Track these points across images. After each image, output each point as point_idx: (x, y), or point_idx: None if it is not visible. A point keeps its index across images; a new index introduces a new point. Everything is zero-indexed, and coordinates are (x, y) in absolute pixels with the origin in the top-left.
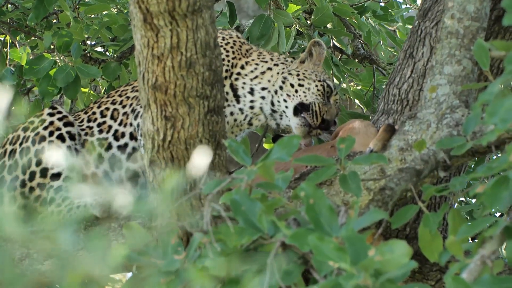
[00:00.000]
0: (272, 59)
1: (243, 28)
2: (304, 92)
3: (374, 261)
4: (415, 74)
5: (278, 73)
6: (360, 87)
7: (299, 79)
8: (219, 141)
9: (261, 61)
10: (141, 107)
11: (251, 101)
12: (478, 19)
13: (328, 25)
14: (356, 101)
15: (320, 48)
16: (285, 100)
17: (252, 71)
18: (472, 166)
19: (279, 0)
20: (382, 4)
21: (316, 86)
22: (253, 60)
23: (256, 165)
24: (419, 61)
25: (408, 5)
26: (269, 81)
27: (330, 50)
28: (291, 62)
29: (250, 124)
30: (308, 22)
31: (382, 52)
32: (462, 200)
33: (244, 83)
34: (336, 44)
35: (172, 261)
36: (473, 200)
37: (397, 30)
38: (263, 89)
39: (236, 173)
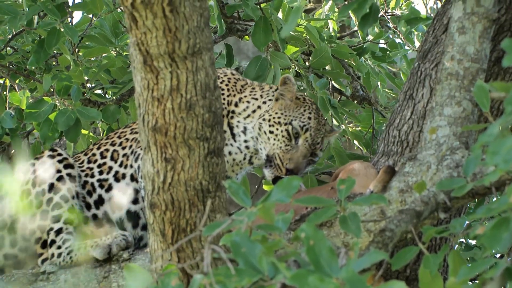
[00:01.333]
0: (262, 96)
1: (242, 70)
2: (273, 140)
3: None
4: (415, 116)
5: (260, 116)
6: (359, 128)
7: (269, 125)
8: (219, 183)
9: (252, 98)
10: (141, 149)
11: (245, 141)
12: (478, 60)
13: (327, 67)
14: (355, 142)
15: (289, 85)
16: (261, 149)
17: (244, 110)
18: (473, 207)
19: (277, 42)
20: (382, 45)
21: (282, 132)
22: (245, 96)
23: (256, 207)
24: (419, 102)
25: (406, 47)
26: (266, 110)
27: (328, 92)
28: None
29: (251, 162)
30: (307, 63)
31: (379, 96)
32: (463, 241)
33: (238, 121)
34: (335, 85)
35: None
36: (473, 242)
37: (401, 72)
38: (250, 127)
39: (236, 214)
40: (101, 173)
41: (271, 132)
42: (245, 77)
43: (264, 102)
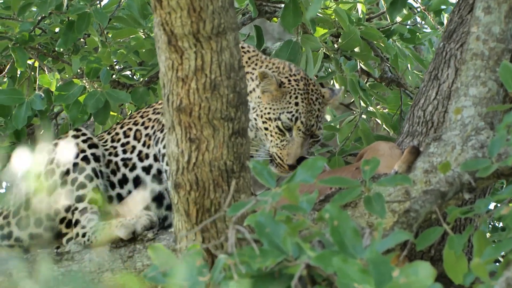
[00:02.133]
0: (253, 79)
1: (269, 51)
2: (269, 137)
3: (399, 283)
4: (440, 96)
5: (253, 107)
6: (387, 110)
7: (263, 122)
8: (243, 163)
9: (250, 78)
10: (160, 132)
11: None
12: (504, 40)
13: (356, 49)
14: (379, 122)
15: (268, 78)
16: (264, 145)
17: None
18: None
19: (306, 24)
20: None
21: (274, 128)
22: (247, 73)
23: (281, 187)
24: (444, 83)
25: (436, 28)
26: (255, 103)
27: (357, 74)
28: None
29: (261, 140)
30: (335, 46)
31: (409, 76)
32: (490, 223)
33: None
34: (364, 67)
35: (197, 283)
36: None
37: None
38: (253, 108)
39: (261, 195)
40: (124, 152)
41: (266, 128)
42: None
43: (254, 90)
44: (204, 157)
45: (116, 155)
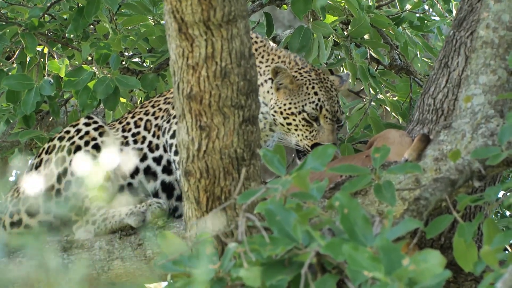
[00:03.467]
0: (262, 74)
1: (279, 39)
2: (295, 131)
3: (409, 271)
4: (450, 84)
5: (263, 102)
6: (396, 98)
7: (284, 118)
8: (253, 151)
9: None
10: (167, 122)
11: (261, 112)
12: None
13: (365, 36)
14: (389, 110)
15: (282, 72)
16: (285, 139)
17: None
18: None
19: (316, 11)
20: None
21: (300, 121)
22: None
23: (291, 175)
24: (454, 70)
25: (446, 16)
26: (264, 97)
27: (367, 61)
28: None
29: (272, 130)
30: (345, 33)
31: (419, 64)
32: (498, 212)
33: None
34: (373, 55)
35: (207, 271)
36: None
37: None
38: (262, 103)
39: (271, 183)
40: (135, 142)
41: (289, 124)
42: (289, 47)
43: (262, 84)
44: (215, 144)
45: (127, 145)
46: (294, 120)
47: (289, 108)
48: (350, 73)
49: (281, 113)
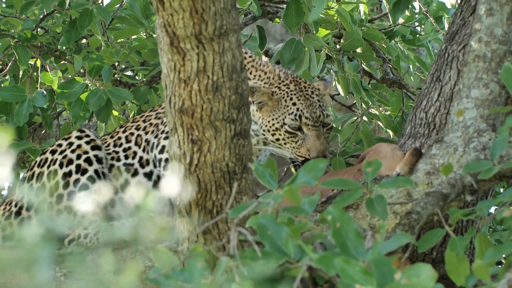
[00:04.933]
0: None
1: (271, 52)
2: (284, 145)
3: (401, 285)
4: (442, 98)
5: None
6: (388, 112)
7: (272, 135)
8: (245, 165)
9: None
10: (155, 137)
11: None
12: (506, 42)
13: (358, 50)
14: (380, 124)
15: (257, 91)
16: (282, 154)
17: None
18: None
19: (308, 24)
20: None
21: (284, 134)
22: None
23: (283, 189)
24: (446, 84)
25: (437, 30)
26: (253, 115)
27: (359, 75)
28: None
29: (265, 143)
30: (338, 46)
31: (412, 78)
32: (490, 227)
33: None
34: (366, 68)
35: (199, 285)
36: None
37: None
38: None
39: (263, 197)
40: (126, 157)
41: (277, 139)
42: (280, 59)
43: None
44: (206, 158)
45: (118, 160)
46: (280, 135)
47: (273, 125)
48: (333, 74)
49: (268, 130)
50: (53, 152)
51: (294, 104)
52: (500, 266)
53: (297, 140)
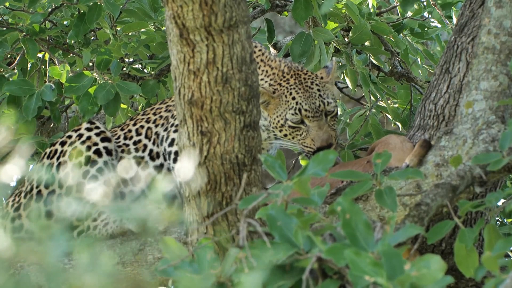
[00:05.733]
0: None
1: (280, 45)
2: (292, 139)
3: (410, 276)
4: (451, 90)
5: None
6: (397, 105)
7: (279, 131)
8: (255, 156)
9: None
10: (164, 130)
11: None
12: None
13: (366, 43)
14: (389, 117)
15: (262, 94)
16: (297, 147)
17: None
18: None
19: (317, 17)
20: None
21: (288, 129)
22: None
23: (292, 180)
24: (455, 76)
25: (446, 23)
26: (262, 111)
27: (368, 68)
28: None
29: (276, 138)
30: (346, 39)
31: (420, 71)
32: (498, 220)
33: None
34: (374, 61)
35: (208, 276)
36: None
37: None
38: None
39: (272, 188)
40: (136, 150)
41: (285, 135)
42: (291, 53)
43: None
44: (216, 150)
45: (129, 153)
46: (286, 130)
47: (278, 121)
48: (335, 60)
49: (276, 127)
50: (62, 144)
51: (293, 98)
52: (509, 258)
53: (301, 133)
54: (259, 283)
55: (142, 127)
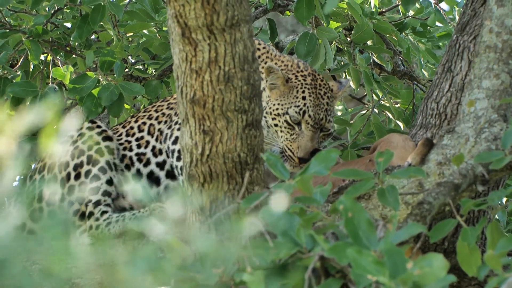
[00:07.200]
0: (262, 79)
1: (282, 44)
2: (280, 132)
3: (413, 275)
4: (453, 88)
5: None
6: (399, 105)
7: (272, 119)
8: (257, 155)
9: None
10: (168, 128)
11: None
12: None
13: (368, 42)
14: (391, 116)
15: (274, 72)
16: (276, 143)
17: None
18: None
19: (319, 17)
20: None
21: (283, 123)
22: None
23: (294, 179)
24: (457, 75)
25: (449, 21)
26: (266, 103)
27: (370, 67)
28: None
29: (274, 138)
30: (348, 39)
31: (423, 70)
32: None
33: None
34: (376, 60)
35: (211, 275)
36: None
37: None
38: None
39: (274, 187)
40: (139, 146)
41: (276, 125)
42: (296, 53)
43: (264, 89)
44: (218, 149)
45: (131, 149)
46: (279, 121)
47: (277, 109)
48: (350, 79)
49: (270, 113)
50: (64, 143)
51: (304, 98)
52: (511, 257)
53: (292, 133)
54: (261, 282)
55: (144, 123)
